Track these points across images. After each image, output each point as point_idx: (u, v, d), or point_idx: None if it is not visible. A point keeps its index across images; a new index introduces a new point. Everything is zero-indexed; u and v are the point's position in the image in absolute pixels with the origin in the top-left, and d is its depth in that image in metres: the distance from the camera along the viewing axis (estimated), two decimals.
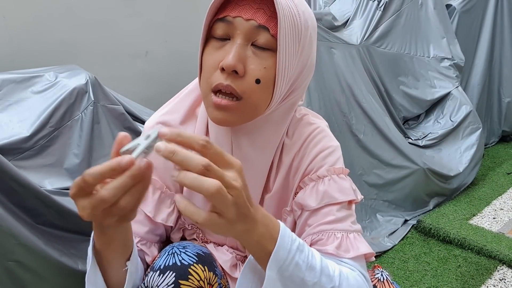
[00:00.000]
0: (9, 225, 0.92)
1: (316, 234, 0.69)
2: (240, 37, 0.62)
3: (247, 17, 0.62)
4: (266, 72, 0.63)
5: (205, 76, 0.65)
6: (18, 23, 1.50)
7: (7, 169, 0.92)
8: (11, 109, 1.19)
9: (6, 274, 0.93)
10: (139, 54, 1.82)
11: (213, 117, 0.65)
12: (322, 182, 0.72)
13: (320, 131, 0.75)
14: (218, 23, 0.64)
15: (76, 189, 0.47)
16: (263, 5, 0.63)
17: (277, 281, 0.55)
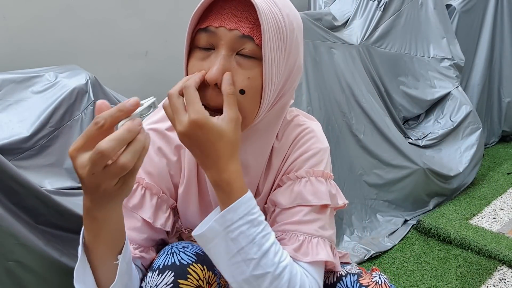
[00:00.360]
0: (9, 225, 0.92)
1: (280, 233, 0.69)
2: (224, 47, 0.61)
3: (230, 27, 0.60)
4: (251, 82, 0.61)
5: None
6: (18, 23, 1.50)
7: (7, 169, 0.92)
8: (11, 109, 1.19)
9: (6, 274, 0.93)
10: (139, 54, 1.82)
11: None
12: (299, 183, 0.71)
13: (308, 132, 0.74)
14: (201, 33, 0.62)
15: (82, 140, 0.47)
16: (246, 12, 0.61)
17: (221, 237, 0.60)
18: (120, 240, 0.61)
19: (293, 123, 0.75)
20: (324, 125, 1.80)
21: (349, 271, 0.76)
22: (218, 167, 0.60)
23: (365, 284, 0.72)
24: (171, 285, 0.67)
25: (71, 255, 1.02)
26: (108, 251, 0.60)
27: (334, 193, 0.73)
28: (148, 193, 0.73)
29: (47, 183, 1.13)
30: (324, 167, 0.72)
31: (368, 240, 1.74)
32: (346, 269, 0.77)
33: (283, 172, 0.73)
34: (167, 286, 0.67)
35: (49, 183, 1.13)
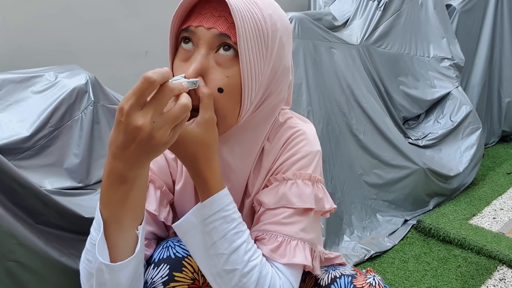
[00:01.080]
0: (9, 225, 0.92)
1: (261, 232, 0.70)
2: (203, 46, 0.62)
3: (208, 25, 0.62)
4: (229, 81, 0.62)
5: None
6: (18, 23, 1.50)
7: (7, 169, 0.92)
8: (11, 109, 1.19)
9: (6, 274, 0.93)
10: (139, 54, 1.82)
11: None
12: (285, 185, 0.70)
13: (300, 135, 0.73)
14: (183, 33, 0.64)
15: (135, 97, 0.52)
16: (224, 12, 0.62)
17: (196, 229, 0.63)
18: (142, 208, 0.60)
19: (286, 125, 0.75)
20: (324, 125, 1.80)
21: (344, 272, 0.75)
22: (195, 168, 0.63)
23: (359, 285, 0.71)
24: (166, 278, 0.68)
25: (71, 255, 1.02)
26: (130, 221, 0.58)
27: (321, 197, 0.72)
28: (152, 186, 0.74)
29: (47, 183, 1.13)
30: (312, 170, 0.72)
31: (368, 240, 1.74)
32: (341, 270, 0.76)
33: (271, 173, 0.74)
34: (162, 279, 0.68)
35: (49, 183, 1.13)
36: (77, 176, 1.18)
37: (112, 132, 0.53)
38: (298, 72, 1.78)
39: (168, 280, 0.69)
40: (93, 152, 1.22)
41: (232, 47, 0.62)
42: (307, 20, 1.85)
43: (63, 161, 1.18)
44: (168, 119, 0.52)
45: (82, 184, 1.18)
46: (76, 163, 1.18)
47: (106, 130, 1.26)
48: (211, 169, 0.63)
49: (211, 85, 0.62)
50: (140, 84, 0.52)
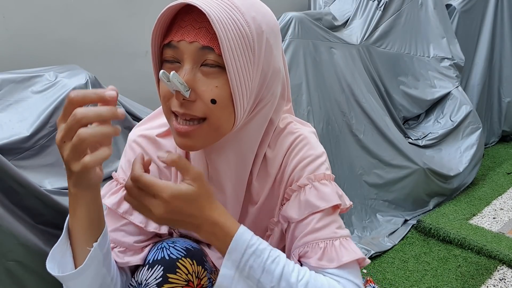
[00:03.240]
0: (9, 224, 0.92)
1: (302, 247, 0.68)
2: (188, 61, 0.60)
3: (190, 39, 0.59)
4: (220, 91, 0.60)
5: (164, 101, 0.64)
6: (18, 23, 1.50)
7: (7, 169, 0.92)
8: (11, 109, 1.19)
9: (6, 273, 0.92)
10: (139, 54, 1.82)
11: (177, 143, 0.64)
12: (303, 191, 0.69)
13: (301, 140, 0.72)
14: (166, 49, 0.62)
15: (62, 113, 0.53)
16: (205, 23, 0.59)
17: (236, 279, 0.60)
18: (96, 226, 0.63)
19: (286, 131, 0.74)
20: (324, 125, 1.80)
21: None
22: (206, 220, 0.60)
23: None
24: (160, 279, 0.68)
25: None
26: (84, 234, 0.62)
27: (341, 194, 0.72)
28: None
29: (47, 183, 1.13)
30: (324, 171, 0.71)
31: (368, 240, 1.74)
32: None
33: (284, 183, 0.72)
34: (156, 280, 0.68)
35: (49, 183, 1.13)
36: None
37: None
38: (298, 72, 1.78)
39: (162, 282, 0.68)
40: None
41: (215, 63, 0.60)
42: (307, 20, 1.85)
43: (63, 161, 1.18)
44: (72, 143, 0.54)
45: None
46: None
47: None
48: (220, 213, 0.61)
49: (203, 97, 0.60)
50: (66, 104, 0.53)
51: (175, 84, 0.58)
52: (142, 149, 0.75)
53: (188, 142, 0.63)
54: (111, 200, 0.75)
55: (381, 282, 1.53)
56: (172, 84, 0.59)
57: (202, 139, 0.63)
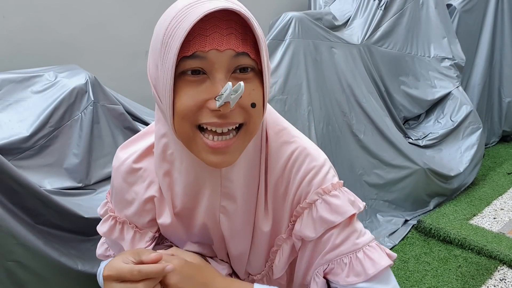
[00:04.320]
0: (9, 225, 0.92)
1: (326, 264, 0.66)
2: (220, 71, 0.55)
3: (222, 48, 0.54)
4: (257, 94, 0.58)
5: (186, 117, 0.56)
6: (18, 23, 1.49)
7: (7, 169, 0.92)
8: (11, 109, 1.19)
9: (6, 274, 0.92)
10: (139, 54, 1.82)
11: (211, 161, 0.59)
12: (315, 208, 0.66)
13: (300, 152, 0.68)
14: (186, 61, 0.54)
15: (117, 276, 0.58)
16: (231, 29, 0.55)
17: None
18: None
19: (282, 139, 0.69)
20: (324, 125, 1.80)
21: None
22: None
23: None
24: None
25: (70, 255, 1.02)
26: None
27: (353, 199, 0.69)
28: (125, 227, 0.74)
29: (47, 183, 1.13)
30: (331, 180, 0.68)
31: None
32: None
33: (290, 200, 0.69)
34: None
35: (48, 183, 1.13)
36: (76, 176, 1.18)
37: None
38: (298, 72, 1.78)
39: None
40: (93, 152, 1.22)
41: (249, 66, 0.57)
42: (307, 20, 1.84)
43: (63, 161, 1.18)
44: None
45: (81, 184, 1.18)
46: (75, 163, 1.18)
47: (106, 130, 1.26)
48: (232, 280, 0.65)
49: (244, 103, 0.56)
50: (127, 272, 0.58)
51: (229, 97, 0.53)
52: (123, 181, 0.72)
53: (225, 158, 0.58)
54: (102, 228, 0.76)
55: None
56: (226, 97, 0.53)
57: (239, 150, 0.60)
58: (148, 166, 0.71)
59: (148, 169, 0.71)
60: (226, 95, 0.52)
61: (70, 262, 1.00)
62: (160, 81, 0.57)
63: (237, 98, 0.53)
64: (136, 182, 0.71)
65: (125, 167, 0.71)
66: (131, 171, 0.71)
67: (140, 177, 0.71)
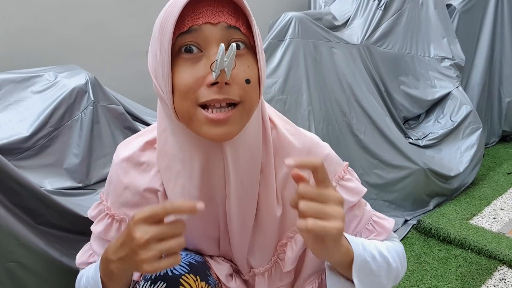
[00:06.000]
0: (9, 225, 0.92)
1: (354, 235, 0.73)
2: (214, 45, 0.57)
3: (215, 21, 0.57)
4: (251, 71, 0.60)
5: (185, 95, 0.58)
6: (18, 23, 1.49)
7: (7, 169, 0.91)
8: (10, 109, 1.19)
9: (6, 274, 0.92)
10: (139, 54, 1.82)
11: (212, 134, 0.59)
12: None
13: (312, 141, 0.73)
14: (182, 36, 0.57)
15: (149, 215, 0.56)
16: (223, 7, 0.58)
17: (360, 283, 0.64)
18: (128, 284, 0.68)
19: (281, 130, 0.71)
20: (324, 125, 1.80)
21: None
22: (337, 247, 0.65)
23: None
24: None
25: (71, 255, 1.02)
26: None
27: (357, 177, 0.78)
28: (123, 225, 0.74)
29: (47, 183, 1.13)
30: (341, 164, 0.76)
31: None
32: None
33: None
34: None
35: (49, 183, 1.13)
36: (77, 176, 1.18)
37: (118, 236, 0.61)
38: (298, 72, 1.78)
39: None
40: (93, 152, 1.22)
41: (242, 42, 0.59)
42: (307, 19, 1.85)
43: (63, 161, 1.18)
44: (160, 248, 0.56)
45: (82, 184, 1.18)
46: (76, 163, 1.18)
47: (106, 130, 1.26)
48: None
49: (238, 79, 0.58)
50: (159, 207, 0.56)
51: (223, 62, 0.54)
52: (124, 174, 0.72)
53: (226, 129, 0.59)
54: (98, 228, 0.76)
55: None
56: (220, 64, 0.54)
57: (238, 124, 0.60)
58: (150, 160, 0.71)
59: (151, 163, 0.71)
60: (220, 60, 0.54)
61: (70, 262, 1.00)
62: (159, 66, 0.59)
63: (231, 63, 0.55)
64: (138, 176, 0.72)
65: (128, 161, 0.72)
66: (134, 165, 0.72)
67: (144, 170, 0.72)
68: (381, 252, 0.68)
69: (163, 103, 0.63)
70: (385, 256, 0.68)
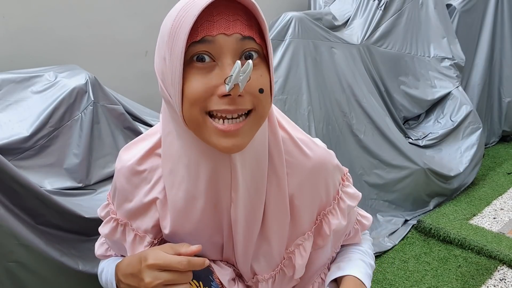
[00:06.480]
0: (10, 225, 0.92)
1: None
2: (227, 55, 0.56)
3: (229, 32, 0.56)
4: (264, 79, 0.59)
5: (195, 103, 0.57)
6: (18, 23, 1.49)
7: (7, 169, 0.91)
8: (10, 109, 1.19)
9: (7, 274, 0.92)
10: (139, 54, 1.82)
11: (222, 145, 0.58)
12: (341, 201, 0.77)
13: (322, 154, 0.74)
14: (195, 46, 0.56)
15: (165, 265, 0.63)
16: (237, 15, 0.57)
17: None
18: None
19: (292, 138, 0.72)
20: (325, 125, 1.80)
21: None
22: None
23: None
24: None
25: (71, 255, 1.02)
26: None
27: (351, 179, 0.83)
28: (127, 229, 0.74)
29: (47, 183, 1.13)
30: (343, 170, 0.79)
31: None
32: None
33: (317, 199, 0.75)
34: None
35: (49, 183, 1.13)
36: (77, 176, 1.18)
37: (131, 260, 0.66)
38: (298, 72, 1.78)
39: None
40: (93, 152, 1.22)
41: (256, 51, 0.58)
42: (307, 19, 1.85)
43: (63, 161, 1.18)
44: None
45: (82, 184, 1.18)
46: (76, 163, 1.18)
47: (106, 130, 1.25)
48: None
49: (252, 88, 0.57)
50: (177, 262, 0.62)
51: (238, 78, 0.53)
52: (126, 181, 0.72)
53: (236, 141, 0.58)
54: (104, 230, 0.77)
55: (381, 282, 1.53)
56: (235, 78, 0.53)
57: (249, 135, 0.60)
58: (152, 167, 0.71)
59: (152, 171, 0.70)
60: (235, 75, 0.53)
61: (71, 262, 1.00)
62: (168, 71, 0.58)
63: (246, 78, 0.54)
64: (139, 184, 0.71)
65: (128, 169, 0.71)
66: (135, 173, 0.71)
67: (144, 179, 0.71)
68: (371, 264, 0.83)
69: (170, 107, 0.62)
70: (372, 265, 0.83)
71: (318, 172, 0.72)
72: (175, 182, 0.67)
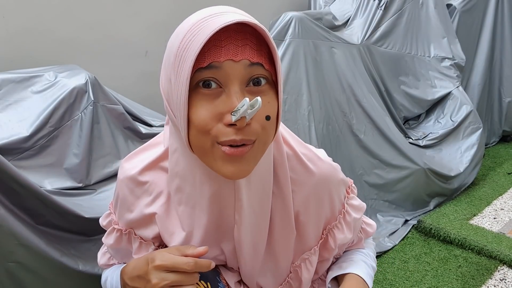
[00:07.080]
0: (10, 225, 0.92)
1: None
2: (235, 82, 0.54)
3: (237, 58, 0.54)
4: (271, 106, 0.57)
5: (202, 130, 0.55)
6: (18, 23, 1.49)
7: (7, 169, 0.91)
8: (10, 109, 1.19)
9: (7, 275, 0.92)
10: (139, 54, 1.82)
11: (227, 171, 0.57)
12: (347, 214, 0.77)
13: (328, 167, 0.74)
14: (202, 72, 0.54)
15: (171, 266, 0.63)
16: (246, 40, 0.55)
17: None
18: None
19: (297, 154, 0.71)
20: (325, 125, 1.79)
21: None
22: None
23: None
24: None
25: (71, 255, 1.02)
26: None
27: (356, 191, 0.82)
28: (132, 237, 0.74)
29: (47, 183, 1.13)
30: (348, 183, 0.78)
31: None
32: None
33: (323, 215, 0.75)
34: None
35: (49, 183, 1.13)
36: (77, 176, 1.18)
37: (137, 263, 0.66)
38: (298, 72, 1.78)
39: None
40: (93, 152, 1.22)
41: (264, 77, 0.56)
42: (307, 19, 1.84)
43: (63, 161, 1.18)
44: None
45: (82, 184, 1.18)
46: (76, 163, 1.18)
47: (106, 130, 1.26)
48: None
49: (259, 117, 0.55)
50: (184, 263, 0.62)
51: (246, 112, 0.52)
52: (129, 192, 0.71)
53: (241, 167, 0.57)
54: (109, 240, 0.76)
55: (381, 282, 1.53)
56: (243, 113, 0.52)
57: (253, 161, 0.58)
58: (154, 180, 0.70)
59: (154, 183, 0.70)
60: (243, 111, 0.52)
61: (71, 262, 1.00)
62: (173, 94, 0.56)
63: (253, 113, 0.52)
64: (141, 196, 0.71)
65: (131, 179, 0.71)
66: (137, 184, 0.70)
67: (146, 190, 0.70)
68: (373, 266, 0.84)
69: (175, 127, 0.61)
70: (373, 267, 0.83)
71: (322, 188, 0.72)
72: (183, 199, 0.67)
